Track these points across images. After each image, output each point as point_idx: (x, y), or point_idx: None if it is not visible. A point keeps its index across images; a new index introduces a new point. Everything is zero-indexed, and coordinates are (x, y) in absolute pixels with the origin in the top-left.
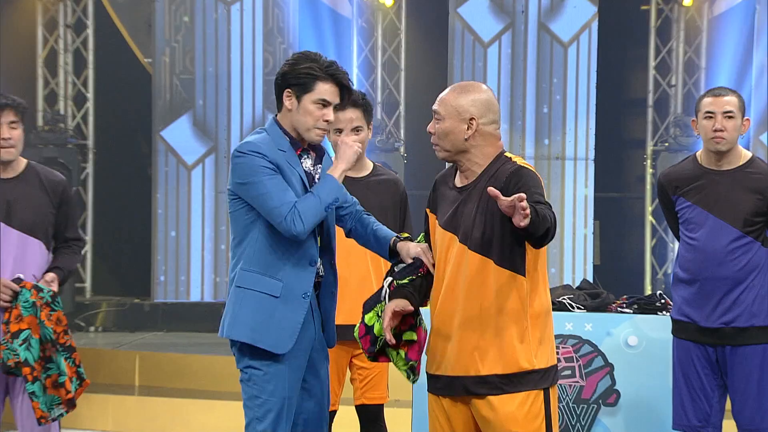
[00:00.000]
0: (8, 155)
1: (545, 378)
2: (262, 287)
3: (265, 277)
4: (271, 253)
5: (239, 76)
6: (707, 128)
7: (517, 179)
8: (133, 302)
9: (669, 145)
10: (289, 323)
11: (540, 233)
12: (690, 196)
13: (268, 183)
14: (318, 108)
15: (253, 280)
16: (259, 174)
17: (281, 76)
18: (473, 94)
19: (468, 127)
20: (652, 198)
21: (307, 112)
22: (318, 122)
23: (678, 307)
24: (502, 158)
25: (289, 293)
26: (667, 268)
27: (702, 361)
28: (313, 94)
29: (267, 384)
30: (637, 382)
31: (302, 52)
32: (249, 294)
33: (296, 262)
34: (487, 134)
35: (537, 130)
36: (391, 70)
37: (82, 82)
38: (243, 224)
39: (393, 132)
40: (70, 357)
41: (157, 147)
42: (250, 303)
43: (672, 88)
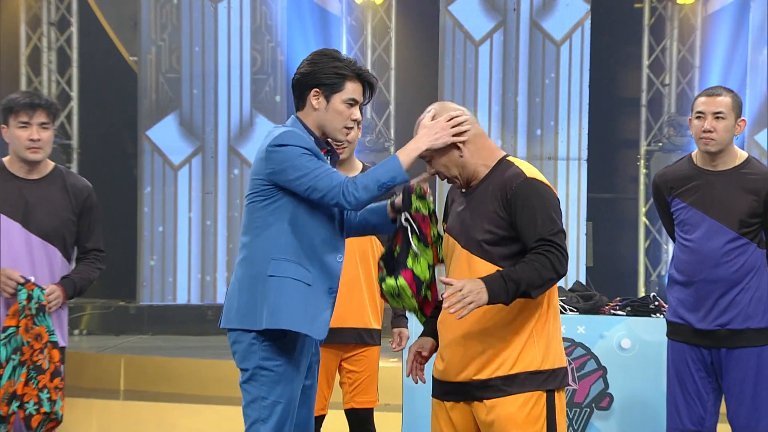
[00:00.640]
0: (36, 156)
1: (551, 380)
2: (297, 275)
3: (298, 266)
4: (302, 244)
5: (227, 75)
6: (697, 128)
7: (522, 201)
8: (119, 305)
9: (663, 145)
10: (321, 314)
11: (537, 290)
12: (685, 196)
13: (309, 163)
14: (347, 107)
15: (288, 268)
16: (298, 158)
17: (306, 76)
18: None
19: (458, 148)
20: (646, 199)
21: (336, 112)
22: (347, 121)
23: (673, 309)
24: (504, 163)
25: (318, 285)
26: (661, 269)
27: (697, 364)
28: (343, 93)
29: (276, 385)
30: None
31: (323, 51)
32: (287, 282)
33: (324, 256)
34: (475, 141)
35: (529, 130)
36: (381, 69)
37: (66, 80)
38: (268, 213)
39: (383, 132)
40: (35, 378)
41: (142, 147)
42: (287, 291)
43: (666, 87)
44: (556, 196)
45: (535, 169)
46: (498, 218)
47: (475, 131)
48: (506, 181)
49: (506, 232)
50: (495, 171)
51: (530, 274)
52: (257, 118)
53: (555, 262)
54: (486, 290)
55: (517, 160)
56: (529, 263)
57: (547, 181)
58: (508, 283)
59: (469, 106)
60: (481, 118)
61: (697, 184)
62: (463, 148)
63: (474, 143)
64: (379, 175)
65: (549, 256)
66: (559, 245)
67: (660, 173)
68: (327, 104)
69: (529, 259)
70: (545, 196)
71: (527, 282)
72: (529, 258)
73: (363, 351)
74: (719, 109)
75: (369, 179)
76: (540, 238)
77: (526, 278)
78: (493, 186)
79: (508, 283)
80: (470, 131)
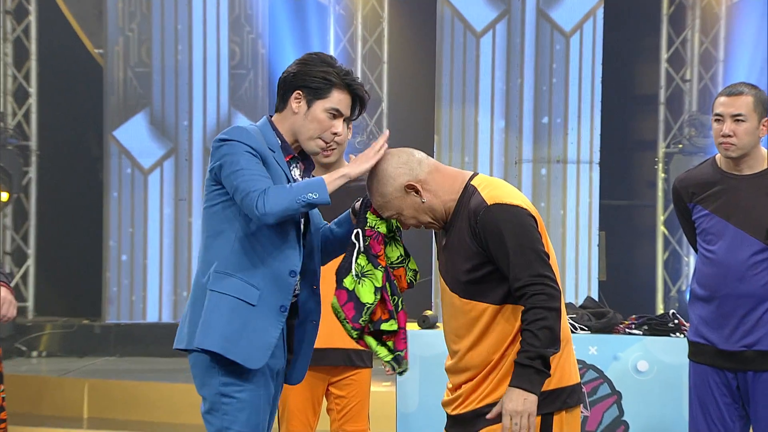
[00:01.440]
0: None
1: (548, 402)
2: (238, 292)
3: (241, 282)
4: (249, 256)
5: (202, 70)
6: (716, 132)
7: (490, 234)
8: (82, 323)
9: (683, 146)
10: (263, 336)
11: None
12: (708, 203)
13: (244, 162)
14: (328, 117)
15: (228, 283)
16: (239, 155)
17: (292, 75)
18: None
19: (417, 193)
20: (665, 206)
21: (315, 119)
22: (324, 133)
23: (695, 328)
24: (468, 189)
25: (266, 304)
26: (681, 284)
27: (721, 388)
28: (327, 101)
29: (240, 413)
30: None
31: (317, 54)
32: (224, 299)
33: (275, 270)
34: (431, 179)
35: (535, 131)
36: (372, 63)
37: (24, 75)
38: (220, 220)
39: (375, 132)
40: None
41: (109, 149)
42: (223, 309)
43: (686, 83)
44: (525, 214)
45: (498, 185)
46: (474, 254)
47: (428, 168)
48: (471, 214)
49: (487, 267)
50: (461, 201)
51: (537, 341)
52: (236, 117)
53: (544, 305)
54: (522, 393)
55: (481, 179)
56: (526, 331)
57: (511, 199)
58: (532, 365)
59: (469, 104)
60: (482, 117)
61: (721, 190)
62: (421, 191)
63: (431, 181)
64: (299, 190)
65: (536, 306)
66: (538, 284)
67: (680, 177)
68: (307, 109)
69: (525, 325)
70: (513, 221)
71: (543, 348)
72: (523, 323)
73: (352, 374)
74: (739, 111)
75: (287, 192)
76: (519, 287)
77: (537, 347)
78: (461, 219)
79: (532, 365)
80: (422, 171)
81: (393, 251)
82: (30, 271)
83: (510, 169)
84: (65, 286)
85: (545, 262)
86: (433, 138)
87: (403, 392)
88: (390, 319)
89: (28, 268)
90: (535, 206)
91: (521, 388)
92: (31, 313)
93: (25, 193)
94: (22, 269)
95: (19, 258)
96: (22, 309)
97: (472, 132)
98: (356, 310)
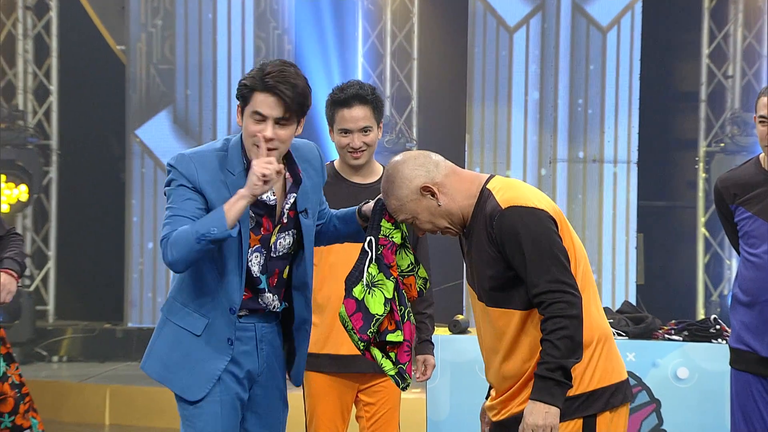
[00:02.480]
0: None
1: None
2: (183, 322)
3: (188, 312)
4: (198, 287)
5: (226, 67)
6: (761, 134)
7: (506, 240)
8: (103, 327)
9: (725, 145)
10: (205, 367)
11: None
12: (750, 205)
13: (173, 198)
14: (254, 122)
15: (176, 312)
16: (173, 188)
17: (238, 92)
18: (403, 177)
19: (433, 196)
20: (706, 207)
21: (245, 128)
22: (254, 138)
23: (736, 334)
24: (484, 192)
25: (212, 334)
26: (723, 288)
27: (764, 397)
28: (249, 106)
29: (199, 420)
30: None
31: (270, 62)
32: (171, 327)
33: (218, 303)
34: (448, 182)
35: (571, 129)
36: (401, 59)
37: (45, 72)
38: None
39: (404, 130)
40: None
41: (131, 148)
42: (168, 337)
43: (729, 79)
44: (544, 216)
45: (515, 185)
46: (495, 260)
47: (445, 171)
48: (488, 219)
49: (510, 272)
50: (479, 205)
51: (557, 351)
52: None
53: (563, 314)
54: (544, 407)
55: (497, 181)
56: (546, 341)
57: (527, 201)
58: (552, 377)
59: (502, 102)
60: (515, 115)
61: (764, 191)
62: (437, 194)
63: (448, 184)
64: (200, 227)
65: (555, 315)
66: (556, 291)
67: (722, 177)
68: (242, 119)
69: (545, 335)
70: (529, 224)
71: (563, 359)
72: (543, 333)
73: (382, 381)
74: None
75: (186, 234)
76: (536, 293)
77: (558, 357)
78: (479, 225)
79: (552, 377)
80: (439, 173)
81: (403, 259)
82: (50, 274)
83: (544, 168)
84: (86, 289)
85: (564, 266)
86: (464, 137)
87: (433, 399)
88: (396, 329)
89: (48, 270)
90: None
91: (542, 401)
92: (52, 317)
93: (46, 193)
94: (43, 272)
95: (40, 260)
96: (42, 313)
97: (504, 131)
98: (365, 320)
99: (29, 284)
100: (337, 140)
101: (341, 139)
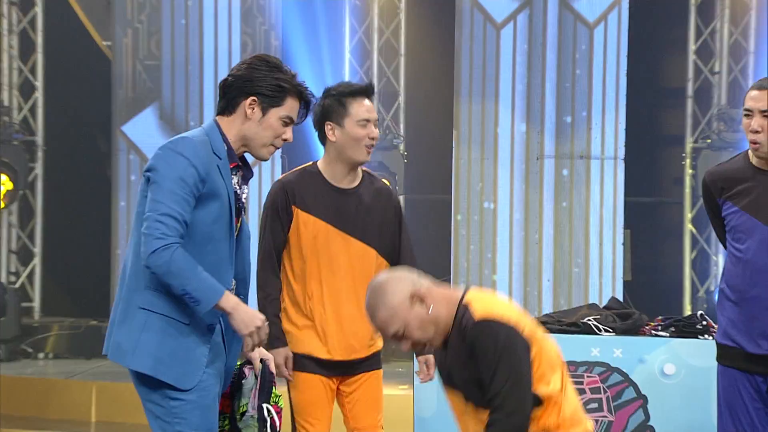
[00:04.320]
0: None
1: None
2: (170, 311)
3: (174, 300)
4: None
5: (213, 63)
6: (746, 127)
7: (474, 350)
8: (90, 324)
9: (711, 141)
10: (194, 356)
11: None
12: (737, 200)
13: (172, 190)
14: (282, 125)
15: (161, 302)
16: (173, 179)
17: (243, 81)
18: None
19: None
20: (692, 203)
21: (269, 127)
22: (276, 140)
23: (723, 330)
24: (462, 305)
25: (197, 321)
26: (710, 284)
27: (751, 393)
28: (281, 109)
29: (192, 413)
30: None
31: (265, 57)
32: (156, 319)
33: None
34: (432, 292)
35: (558, 125)
36: (388, 55)
37: (30, 68)
38: None
39: (391, 127)
40: None
41: (117, 144)
42: (156, 329)
43: (715, 75)
44: (512, 333)
45: (490, 302)
46: (472, 370)
47: (427, 282)
48: (463, 329)
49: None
50: (457, 316)
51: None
52: None
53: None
54: None
55: (473, 294)
56: None
57: (501, 316)
58: None
59: (489, 98)
60: (502, 112)
61: (752, 186)
62: (426, 300)
63: (434, 294)
64: (195, 283)
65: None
66: (509, 414)
67: (710, 171)
68: (262, 117)
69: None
70: (496, 340)
71: None
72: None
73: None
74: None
75: (187, 274)
76: (492, 406)
77: None
78: (458, 336)
79: None
80: (422, 283)
81: None
82: (36, 271)
83: (531, 165)
84: (72, 285)
85: (524, 389)
86: (452, 133)
87: (420, 396)
88: None
89: (34, 267)
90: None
91: None
92: (38, 314)
93: (31, 189)
94: (28, 268)
95: (25, 257)
96: (28, 309)
97: (492, 127)
98: None
99: (15, 281)
100: (354, 132)
101: (359, 130)
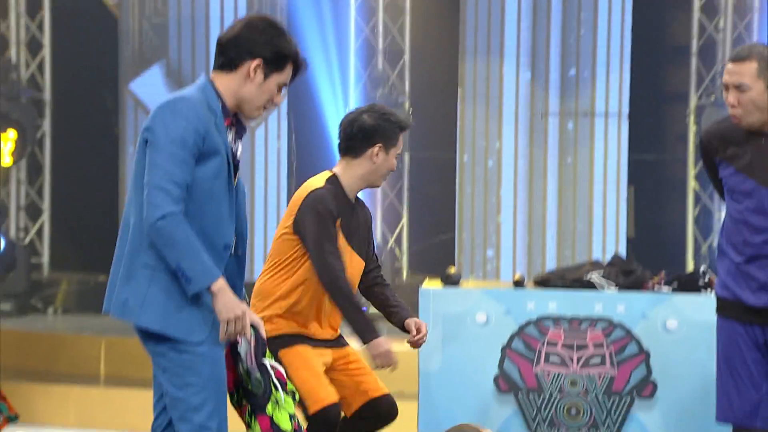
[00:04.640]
0: None
1: None
2: None
3: None
4: (193, 229)
5: (219, 20)
6: (726, 101)
7: None
8: (98, 280)
9: (715, 98)
10: (203, 308)
11: None
12: (734, 160)
13: (173, 152)
14: (277, 90)
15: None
16: (173, 140)
17: (250, 42)
18: None
19: None
20: (696, 160)
21: (267, 91)
22: (269, 103)
23: (722, 283)
24: None
25: None
26: (713, 240)
27: (749, 344)
28: (281, 75)
29: (203, 365)
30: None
31: (271, 22)
32: (161, 274)
33: (212, 241)
34: None
35: (562, 83)
36: (394, 13)
37: (37, 25)
38: None
39: (396, 84)
40: None
41: (124, 102)
42: (162, 284)
43: (720, 32)
44: None
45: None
46: None
47: None
48: None
49: None
50: None
51: None
52: None
53: None
54: None
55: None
56: None
57: None
58: None
59: (494, 56)
60: (507, 69)
61: (747, 146)
62: None
63: None
64: (190, 262)
65: None
66: None
67: (706, 130)
68: (263, 81)
69: None
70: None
71: None
72: None
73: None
74: (740, 81)
75: (183, 248)
76: None
77: None
78: None
79: None
80: None
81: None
82: (45, 227)
83: (536, 122)
84: (81, 241)
85: None
86: (457, 91)
87: (425, 351)
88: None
89: (42, 223)
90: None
91: None
92: (47, 269)
93: (39, 146)
94: (37, 224)
95: (34, 213)
96: (37, 265)
97: (496, 84)
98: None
99: (24, 237)
100: (392, 163)
101: (394, 162)
